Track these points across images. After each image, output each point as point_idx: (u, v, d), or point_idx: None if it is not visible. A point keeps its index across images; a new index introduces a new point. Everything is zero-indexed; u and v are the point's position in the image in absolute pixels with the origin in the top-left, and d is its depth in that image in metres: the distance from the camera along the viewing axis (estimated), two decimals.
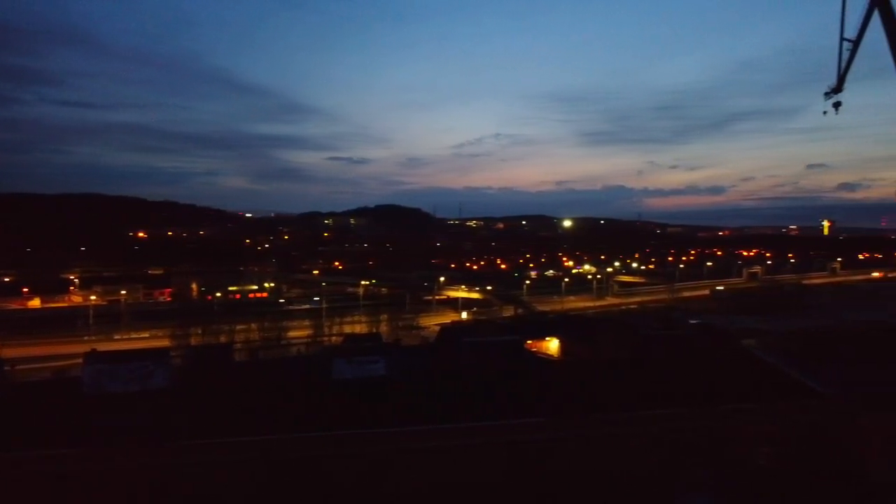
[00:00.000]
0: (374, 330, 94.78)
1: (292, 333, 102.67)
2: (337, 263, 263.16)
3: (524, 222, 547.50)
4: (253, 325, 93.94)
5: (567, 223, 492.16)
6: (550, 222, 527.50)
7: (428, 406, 30.47)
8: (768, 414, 31.43)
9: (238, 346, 78.33)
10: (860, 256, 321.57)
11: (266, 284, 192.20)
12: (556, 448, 28.96)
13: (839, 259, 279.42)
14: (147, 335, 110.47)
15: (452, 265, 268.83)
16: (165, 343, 78.25)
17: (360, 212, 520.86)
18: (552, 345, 48.87)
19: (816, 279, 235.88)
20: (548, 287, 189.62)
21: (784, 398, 32.59)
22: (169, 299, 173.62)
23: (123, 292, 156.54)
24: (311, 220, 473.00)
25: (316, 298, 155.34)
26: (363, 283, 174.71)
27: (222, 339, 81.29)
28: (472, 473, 27.92)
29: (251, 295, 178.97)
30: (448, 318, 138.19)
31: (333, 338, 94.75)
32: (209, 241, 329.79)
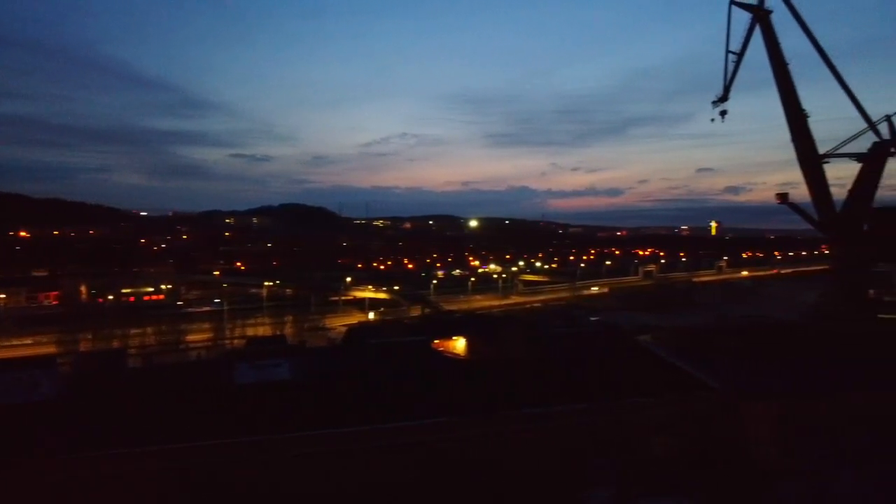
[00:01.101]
0: (279, 332, 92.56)
1: (191, 337, 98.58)
2: (239, 264, 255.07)
3: (431, 222, 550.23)
4: (148, 330, 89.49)
5: (473, 223, 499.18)
6: (457, 222, 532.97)
7: (335, 409, 30.08)
8: (663, 406, 33.05)
9: (132, 351, 74.48)
10: (744, 255, 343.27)
11: (163, 286, 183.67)
12: (466, 447, 29.26)
13: (725, 258, 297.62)
14: (30, 342, 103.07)
15: (359, 265, 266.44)
16: (52, 350, 73.33)
17: (264, 211, 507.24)
18: (459, 344, 49.26)
19: (705, 277, 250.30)
20: (454, 286, 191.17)
21: (676, 391, 34.36)
22: (55, 303, 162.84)
23: (3, 296, 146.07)
24: (211, 219, 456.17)
25: (217, 300, 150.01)
26: (267, 283, 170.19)
27: (115, 344, 77.03)
28: (383, 475, 27.78)
29: (146, 297, 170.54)
30: (355, 318, 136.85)
31: (236, 341, 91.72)
32: (100, 240, 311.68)
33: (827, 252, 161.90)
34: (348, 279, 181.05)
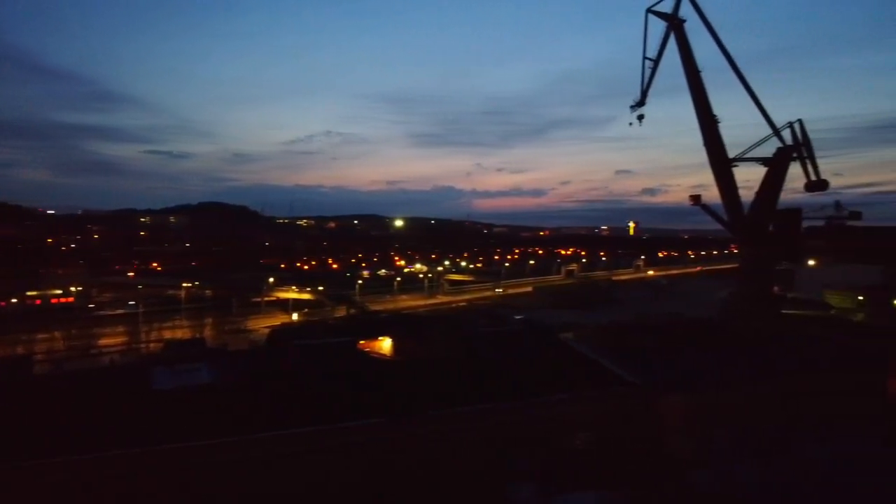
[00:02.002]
0: (198, 335, 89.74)
1: (104, 341, 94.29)
2: (155, 264, 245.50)
3: (356, 222, 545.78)
4: (57, 334, 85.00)
5: (399, 223, 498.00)
6: (383, 222, 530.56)
7: (259, 413, 29.42)
8: (585, 402, 33.97)
9: (39, 357, 70.54)
10: (660, 254, 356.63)
11: (72, 288, 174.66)
12: (394, 447, 29.20)
13: (643, 257, 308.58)
14: None
15: (282, 265, 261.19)
16: None
17: (182, 209, 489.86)
18: (385, 344, 49.10)
19: (624, 275, 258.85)
20: (380, 286, 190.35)
21: (598, 386, 35.40)
22: None
23: None
24: (125, 218, 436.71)
25: (131, 302, 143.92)
26: (185, 285, 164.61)
27: (19, 350, 72.76)
28: (311, 479, 27.37)
29: (54, 300, 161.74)
30: (278, 320, 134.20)
31: (152, 345, 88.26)
32: (2, 240, 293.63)
33: (736, 251, 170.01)
34: (271, 280, 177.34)
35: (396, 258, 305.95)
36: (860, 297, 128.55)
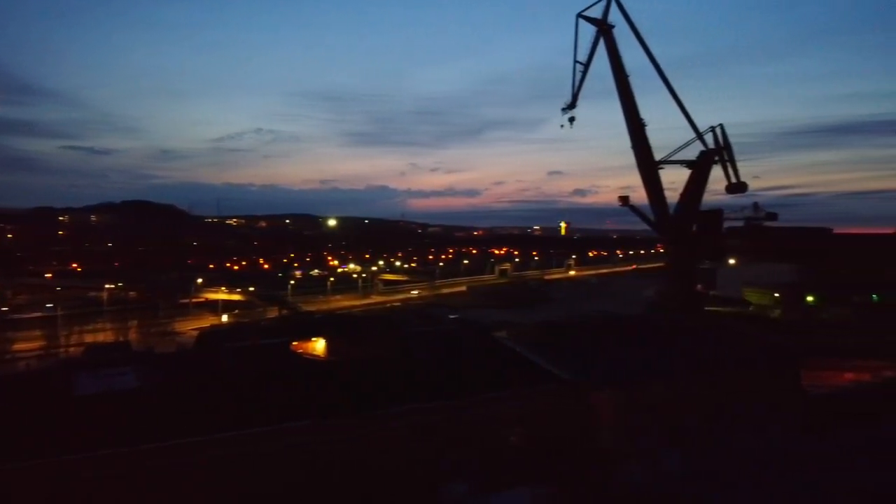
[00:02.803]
0: (122, 338, 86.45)
1: (20, 346, 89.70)
2: (75, 265, 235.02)
3: (288, 221, 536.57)
4: None
5: (332, 222, 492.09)
6: (315, 221, 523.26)
7: (189, 417, 28.62)
8: (518, 399, 34.51)
9: None
10: (590, 254, 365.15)
11: None
12: (328, 448, 28.93)
13: (574, 256, 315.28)
14: None
15: (211, 265, 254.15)
16: None
17: (104, 207, 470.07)
18: (318, 345, 48.53)
19: (556, 275, 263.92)
20: (313, 286, 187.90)
21: (531, 383, 36.01)
22: None
23: None
24: (42, 217, 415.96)
25: (49, 305, 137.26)
26: (108, 286, 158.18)
27: None
28: (245, 483, 26.82)
29: None
30: (207, 321, 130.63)
31: (72, 349, 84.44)
32: None
33: (662, 251, 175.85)
34: (199, 280, 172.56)
35: (330, 258, 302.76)
36: (776, 295, 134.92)
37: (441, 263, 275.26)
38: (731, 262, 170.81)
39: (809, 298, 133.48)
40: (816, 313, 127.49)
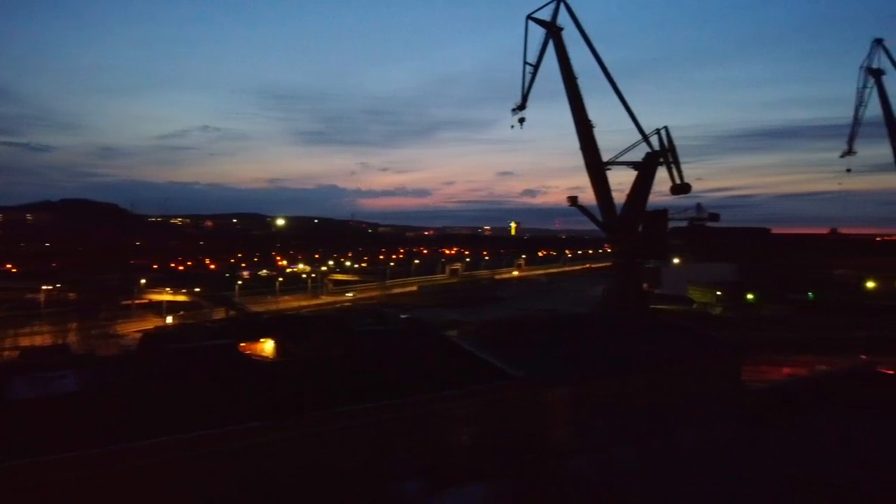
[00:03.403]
0: (61, 341, 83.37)
1: None
2: (10, 266, 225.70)
3: (235, 220, 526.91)
4: None
5: (281, 222, 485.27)
6: (263, 221, 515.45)
7: (133, 421, 27.74)
8: (470, 397, 34.61)
9: None
10: (540, 254, 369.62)
11: None
12: (278, 449, 28.47)
13: (524, 256, 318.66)
14: None
15: (155, 266, 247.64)
16: None
17: (42, 206, 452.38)
18: (267, 346, 47.77)
19: (505, 274, 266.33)
20: (262, 287, 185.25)
21: (482, 382, 36.17)
22: None
23: None
24: None
25: None
26: (46, 287, 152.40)
27: None
28: (192, 488, 26.15)
29: None
30: (150, 323, 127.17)
31: (7, 353, 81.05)
32: None
33: (610, 250, 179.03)
34: (143, 281, 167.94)
35: (278, 258, 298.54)
36: (718, 293, 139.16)
37: (392, 263, 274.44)
38: (676, 261, 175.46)
39: (749, 296, 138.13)
40: (756, 310, 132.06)
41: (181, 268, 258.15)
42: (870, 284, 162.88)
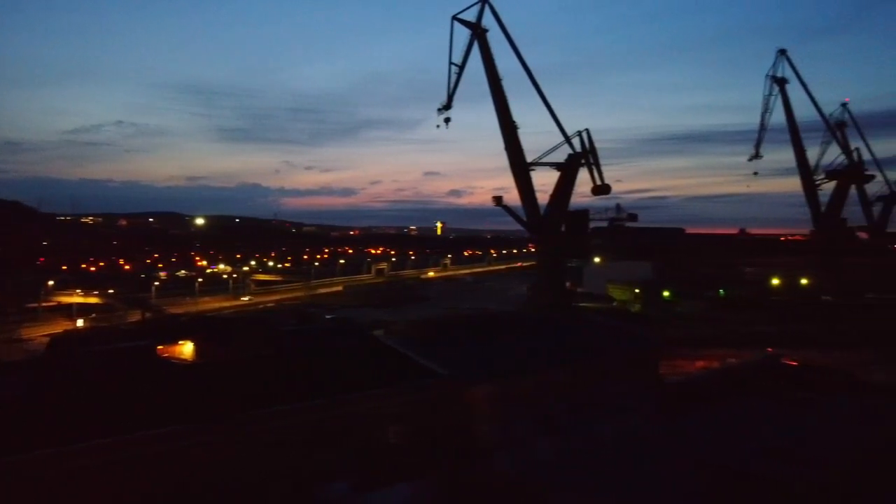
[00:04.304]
0: None
1: None
2: None
3: (152, 220, 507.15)
4: None
5: (200, 221, 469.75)
6: (182, 220, 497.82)
7: (41, 429, 26.35)
8: (396, 396, 34.62)
9: None
10: (465, 253, 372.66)
11: None
12: (200, 453, 27.66)
13: (450, 256, 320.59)
14: None
15: (64, 267, 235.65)
16: None
17: None
18: (186, 348, 46.36)
19: (432, 274, 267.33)
20: (180, 288, 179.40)
21: (407, 380, 36.24)
22: None
23: None
24: None
25: None
26: None
27: None
28: (110, 497, 25.05)
29: None
30: (60, 326, 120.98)
31: None
32: None
33: (534, 250, 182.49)
34: (51, 283, 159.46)
35: (198, 258, 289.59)
36: (637, 291, 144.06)
37: (316, 263, 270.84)
38: (597, 260, 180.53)
39: (666, 293, 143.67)
40: (672, 307, 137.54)
41: (93, 269, 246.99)
42: (775, 281, 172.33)
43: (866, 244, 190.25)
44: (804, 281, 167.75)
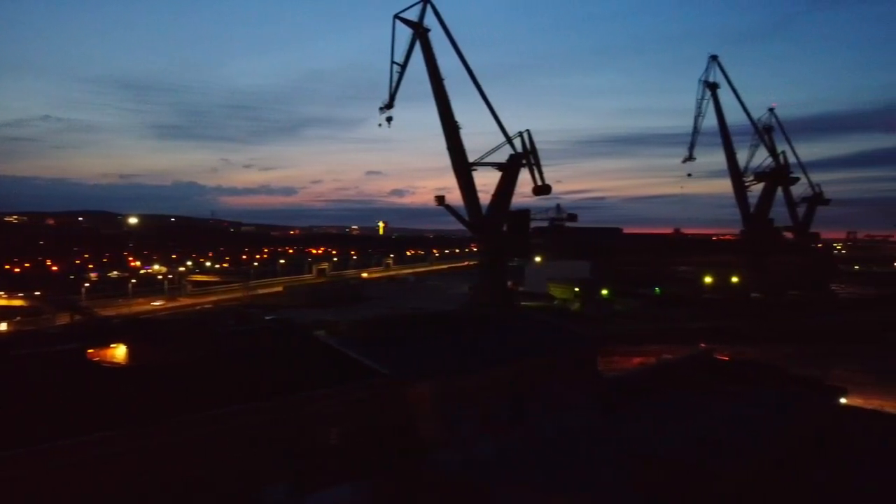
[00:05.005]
0: None
1: None
2: None
3: (82, 218, 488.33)
4: None
5: (134, 220, 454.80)
6: (114, 219, 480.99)
7: None
8: (338, 396, 34.34)
9: None
10: (408, 253, 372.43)
11: None
12: (135, 458, 26.80)
13: (392, 255, 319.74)
14: None
15: None
16: None
17: None
18: (119, 351, 44.81)
19: (374, 273, 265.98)
20: (113, 289, 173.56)
21: (350, 380, 36.01)
22: None
23: None
24: None
25: None
26: None
27: None
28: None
29: None
30: None
31: None
32: None
33: (476, 249, 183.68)
34: None
35: (131, 259, 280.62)
36: (576, 290, 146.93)
37: (256, 263, 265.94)
38: (538, 259, 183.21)
39: (604, 292, 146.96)
40: (610, 305, 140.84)
41: (18, 270, 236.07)
42: (707, 280, 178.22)
43: (791, 243, 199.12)
44: (734, 279, 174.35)
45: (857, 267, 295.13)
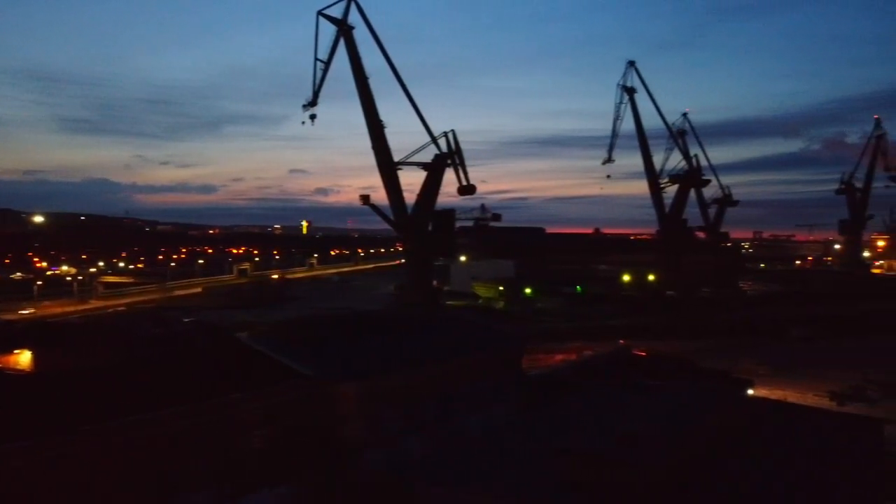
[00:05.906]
0: None
1: None
2: None
3: None
4: None
5: (39, 219, 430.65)
6: (17, 217, 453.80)
7: None
8: (261, 398, 33.58)
9: None
10: (332, 252, 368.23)
11: None
12: (44, 470, 25.36)
13: (316, 255, 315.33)
14: None
15: None
16: None
17: None
18: (23, 357, 42.37)
19: (298, 273, 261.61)
20: (16, 292, 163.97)
21: (274, 382, 35.28)
22: None
23: None
24: None
25: None
26: None
27: None
28: None
29: None
30: None
31: None
32: None
33: (402, 249, 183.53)
34: None
35: (37, 259, 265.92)
36: (500, 288, 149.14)
37: (173, 264, 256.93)
38: (462, 259, 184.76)
39: (527, 290, 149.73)
40: (533, 304, 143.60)
41: None
42: (626, 278, 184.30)
43: (703, 243, 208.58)
44: (651, 277, 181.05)
45: (762, 265, 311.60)
